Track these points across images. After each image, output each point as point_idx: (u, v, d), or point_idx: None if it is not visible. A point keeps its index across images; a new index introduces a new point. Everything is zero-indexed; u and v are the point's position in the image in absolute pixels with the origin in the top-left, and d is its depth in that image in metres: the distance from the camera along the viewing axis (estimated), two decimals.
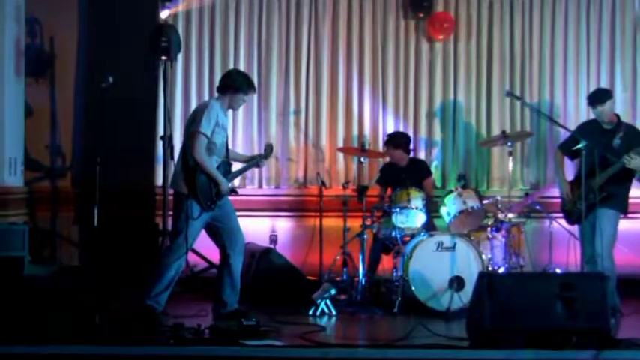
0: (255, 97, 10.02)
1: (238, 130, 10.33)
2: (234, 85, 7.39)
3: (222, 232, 7.39)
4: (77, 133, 10.24)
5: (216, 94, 7.57)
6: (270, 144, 8.08)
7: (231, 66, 10.14)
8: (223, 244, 7.39)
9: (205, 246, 8.15)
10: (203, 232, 7.40)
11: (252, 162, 7.83)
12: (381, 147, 10.03)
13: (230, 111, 7.76)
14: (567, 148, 8.18)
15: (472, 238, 8.50)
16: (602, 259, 7.53)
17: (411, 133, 10.22)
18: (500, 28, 10.44)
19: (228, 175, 7.46)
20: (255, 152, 9.71)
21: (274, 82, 10.41)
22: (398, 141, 9.39)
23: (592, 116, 8.28)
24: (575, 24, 10.41)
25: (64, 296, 6.69)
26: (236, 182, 9.88)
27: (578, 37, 10.42)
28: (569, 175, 8.45)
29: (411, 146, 9.66)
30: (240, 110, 9.44)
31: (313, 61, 10.44)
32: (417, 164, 9.52)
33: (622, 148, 7.82)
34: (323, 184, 9.48)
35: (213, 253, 8.29)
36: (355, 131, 10.43)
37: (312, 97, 10.44)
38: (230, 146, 8.85)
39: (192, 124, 7.20)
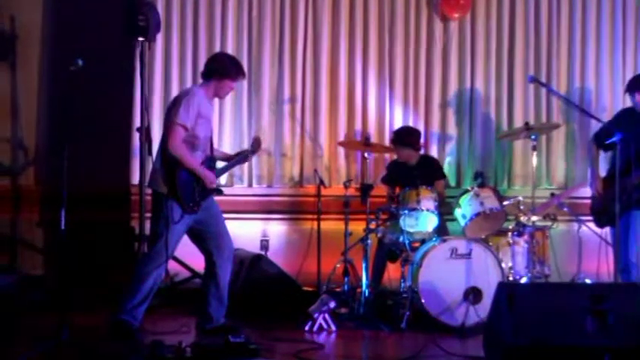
0: (244, 83, 10.05)
1: (225, 120, 10.33)
2: (220, 69, 7.40)
3: (207, 238, 7.41)
4: (41, 123, 10.27)
5: (200, 81, 7.58)
6: (258, 137, 8.12)
7: (217, 48, 10.16)
8: (209, 251, 7.41)
9: (188, 253, 8.14)
10: (186, 237, 7.42)
11: (239, 157, 7.85)
12: (387, 141, 10.04)
13: (216, 99, 7.78)
14: (601, 140, 8.20)
15: (490, 243, 8.50)
16: (637, 267, 7.56)
17: (421, 126, 10.25)
18: (524, 5, 10.45)
19: (213, 172, 7.48)
20: (245, 146, 9.73)
21: (266, 66, 10.41)
22: (406, 138, 9.37)
23: (629, 105, 8.29)
24: None
25: (25, 310, 6.71)
26: (223, 181, 9.92)
27: (613, 14, 10.44)
28: (602, 171, 8.48)
29: (422, 141, 9.68)
30: (228, 98, 9.43)
31: (311, 43, 10.44)
32: (429, 163, 9.52)
33: None
34: (321, 182, 9.48)
35: (196, 261, 8.30)
36: (358, 123, 10.44)
37: (309, 83, 10.45)
38: (216, 138, 8.90)
39: (170, 113, 7.22)
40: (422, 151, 9.65)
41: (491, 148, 10.42)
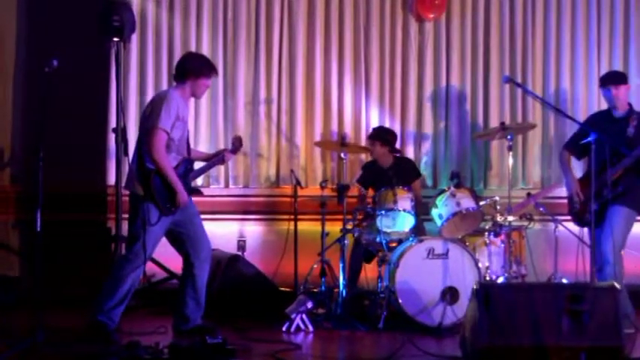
0: (220, 83, 10.07)
1: (201, 121, 10.31)
2: (195, 70, 7.39)
3: (185, 239, 7.39)
4: (17, 124, 10.23)
5: (173, 84, 7.55)
6: (239, 136, 8.10)
7: (193, 48, 10.15)
8: (187, 252, 7.40)
9: (165, 254, 8.13)
10: (163, 238, 7.39)
11: (217, 158, 7.83)
12: (363, 141, 10.04)
13: (192, 100, 7.76)
14: (574, 145, 8.27)
15: (467, 243, 8.53)
16: (612, 266, 7.61)
17: (397, 126, 10.27)
18: (499, 5, 10.47)
19: (190, 173, 7.46)
20: (221, 147, 9.72)
21: (242, 66, 10.39)
22: (383, 135, 9.43)
23: (604, 106, 8.32)
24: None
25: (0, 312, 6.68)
26: (199, 181, 9.88)
27: (588, 15, 10.46)
28: (578, 173, 8.51)
29: (398, 145, 9.73)
30: (203, 99, 9.45)
31: (287, 43, 10.43)
32: (404, 164, 9.56)
33: (637, 138, 7.89)
34: (298, 183, 9.46)
35: (173, 262, 8.29)
36: (334, 123, 10.43)
37: (285, 83, 10.44)
38: (192, 139, 8.87)
39: (150, 117, 7.19)
40: (398, 154, 9.67)
41: (467, 148, 10.43)
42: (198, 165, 7.80)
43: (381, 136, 9.42)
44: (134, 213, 7.20)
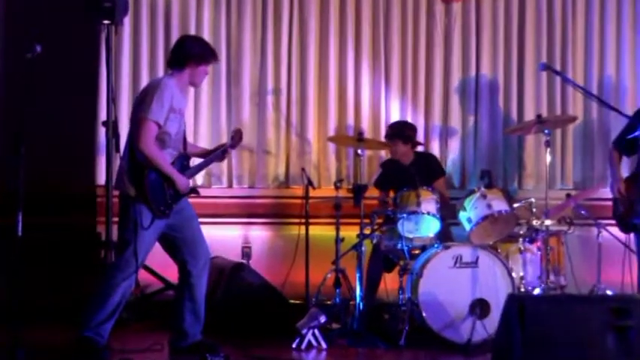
0: (222, 71, 10.07)
1: (202, 114, 10.30)
2: (194, 56, 7.36)
3: (180, 245, 7.37)
4: None
5: (169, 71, 7.53)
6: (239, 129, 8.08)
7: (192, 31, 10.14)
8: (182, 260, 7.38)
9: (160, 261, 8.12)
10: (157, 244, 7.38)
11: (216, 154, 7.81)
12: (382, 136, 10.02)
13: (191, 90, 7.75)
14: (622, 141, 8.23)
15: (499, 250, 8.52)
16: None
17: (421, 120, 10.28)
18: None
19: (187, 170, 7.44)
20: (224, 142, 9.70)
21: (247, 53, 10.39)
22: (403, 131, 9.40)
23: None
24: None
25: None
26: (199, 180, 9.90)
27: None
28: (625, 172, 8.49)
29: (421, 139, 9.70)
30: (204, 89, 9.46)
31: (297, 27, 10.44)
32: (426, 160, 9.54)
33: None
34: (309, 182, 9.47)
35: (170, 271, 8.28)
36: (350, 116, 10.43)
37: (295, 72, 10.45)
38: (192, 133, 8.86)
39: (140, 107, 7.17)
40: (421, 149, 9.64)
41: (499, 144, 10.42)
42: (195, 162, 7.77)
43: (402, 133, 9.37)
44: (125, 216, 7.17)
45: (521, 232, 8.75)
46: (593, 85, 10.31)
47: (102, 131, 9.38)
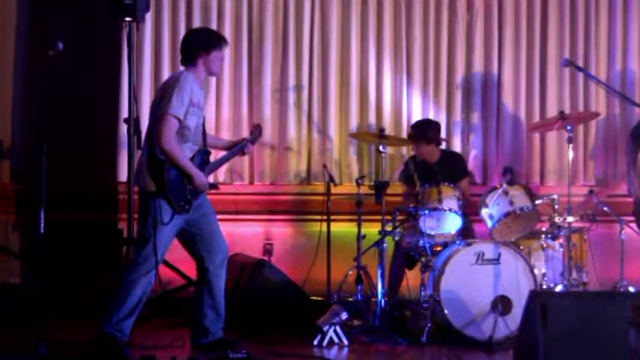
0: (244, 68, 10.07)
1: (223, 110, 10.30)
2: (201, 45, 7.35)
3: (198, 241, 7.37)
4: (17, 113, 10.27)
5: (182, 69, 7.52)
6: (258, 124, 8.09)
7: (214, 28, 10.10)
8: (200, 256, 7.38)
9: (182, 257, 8.10)
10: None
11: (236, 148, 7.80)
12: (404, 132, 10.02)
13: (213, 85, 7.75)
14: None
15: (521, 247, 8.51)
16: None
17: (443, 116, 10.26)
18: None
19: (206, 166, 7.43)
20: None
21: (269, 49, 10.39)
22: (426, 132, 9.35)
23: None
24: None
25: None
26: (220, 177, 9.90)
27: None
28: None
29: (444, 135, 9.68)
30: (226, 85, 9.47)
31: (319, 23, 10.44)
32: (452, 160, 9.50)
33: None
34: (331, 179, 9.47)
35: (191, 267, 8.26)
36: (372, 113, 10.43)
37: (317, 68, 10.45)
38: (213, 131, 8.86)
39: (160, 103, 7.17)
40: (444, 146, 9.62)
41: (521, 140, 10.41)
42: (217, 156, 7.77)
43: (424, 134, 9.31)
44: (144, 212, 7.17)
45: (544, 229, 8.74)
46: (616, 81, 10.27)
47: (123, 128, 9.41)
